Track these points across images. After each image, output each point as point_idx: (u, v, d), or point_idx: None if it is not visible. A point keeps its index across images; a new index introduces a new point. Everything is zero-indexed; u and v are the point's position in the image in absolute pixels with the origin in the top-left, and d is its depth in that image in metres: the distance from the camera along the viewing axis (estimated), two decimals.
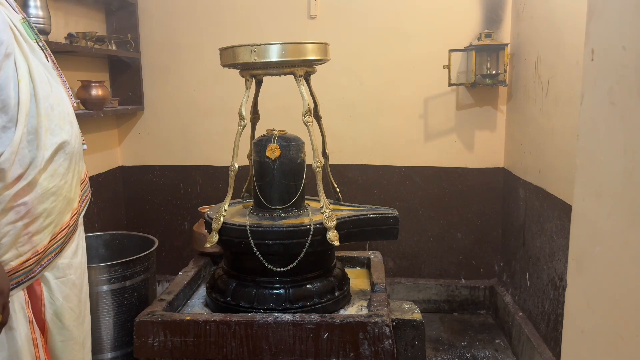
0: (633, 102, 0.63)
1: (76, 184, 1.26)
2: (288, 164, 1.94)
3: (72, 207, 1.24)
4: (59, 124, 1.17)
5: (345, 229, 1.91)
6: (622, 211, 0.65)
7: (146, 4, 3.03)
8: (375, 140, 3.04)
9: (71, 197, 1.23)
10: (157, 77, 3.10)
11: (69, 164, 1.20)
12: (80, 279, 1.31)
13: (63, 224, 1.21)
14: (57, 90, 1.21)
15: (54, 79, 1.21)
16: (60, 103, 1.20)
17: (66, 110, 1.22)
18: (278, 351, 1.73)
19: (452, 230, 3.09)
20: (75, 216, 1.26)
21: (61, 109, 1.19)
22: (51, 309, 1.22)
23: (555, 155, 2.21)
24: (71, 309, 1.25)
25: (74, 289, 1.27)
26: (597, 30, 0.73)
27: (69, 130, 1.20)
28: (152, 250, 2.37)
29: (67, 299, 1.24)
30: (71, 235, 1.26)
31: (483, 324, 2.96)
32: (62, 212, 1.20)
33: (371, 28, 2.94)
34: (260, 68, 1.87)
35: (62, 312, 1.23)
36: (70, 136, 1.20)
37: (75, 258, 1.29)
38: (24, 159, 1.08)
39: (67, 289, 1.24)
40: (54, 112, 1.16)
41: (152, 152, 3.19)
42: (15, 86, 1.07)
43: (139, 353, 1.78)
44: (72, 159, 1.21)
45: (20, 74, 1.08)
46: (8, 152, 1.04)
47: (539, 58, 2.39)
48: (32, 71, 1.12)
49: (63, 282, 1.23)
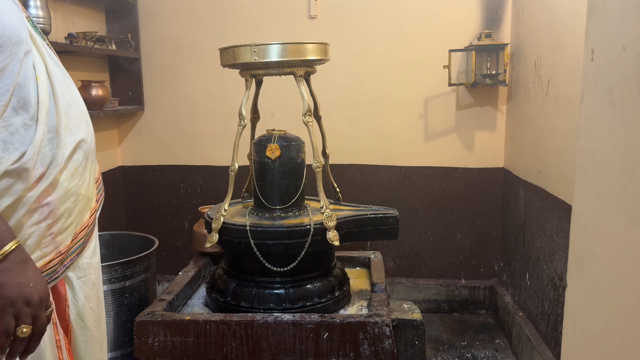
0: (633, 102, 0.63)
1: (92, 182, 1.25)
2: (288, 164, 1.94)
3: (90, 206, 1.23)
4: (77, 123, 1.16)
5: (345, 229, 1.91)
6: (622, 211, 0.65)
7: (146, 4, 3.03)
8: (375, 140, 3.04)
9: (89, 196, 1.22)
10: (157, 77, 3.10)
11: (86, 162, 1.19)
12: (99, 278, 1.31)
13: (83, 223, 1.20)
14: (72, 89, 1.20)
15: (67, 77, 1.21)
16: (76, 101, 1.19)
17: (82, 109, 1.21)
18: (278, 351, 1.73)
19: (452, 230, 3.09)
20: (93, 215, 1.25)
21: (77, 107, 1.18)
22: (74, 309, 1.21)
23: (555, 155, 2.21)
24: (92, 308, 1.25)
25: (94, 288, 1.27)
26: (597, 30, 0.73)
27: (86, 128, 1.20)
28: (152, 250, 2.37)
29: (88, 298, 1.24)
30: (90, 235, 1.24)
31: (483, 324, 2.96)
32: (82, 211, 1.19)
33: (371, 28, 2.94)
34: (260, 68, 1.87)
35: (84, 312, 1.23)
36: (86, 134, 1.19)
37: (94, 257, 1.28)
38: (45, 158, 1.07)
39: (88, 288, 1.24)
40: (71, 111, 1.15)
41: (152, 152, 3.19)
42: (34, 84, 1.06)
43: (139, 353, 1.78)
44: (88, 158, 1.20)
45: (38, 72, 1.07)
46: (31, 151, 1.02)
47: (539, 58, 2.39)
48: (49, 69, 1.11)
49: (84, 282, 1.23)
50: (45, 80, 1.09)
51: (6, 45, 0.99)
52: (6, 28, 0.99)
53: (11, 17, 1.02)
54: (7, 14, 1.01)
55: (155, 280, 2.46)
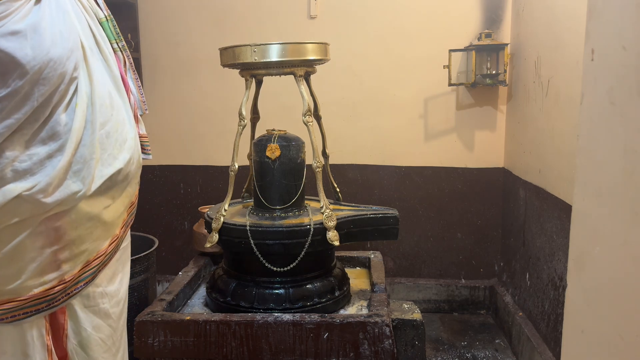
0: (633, 102, 0.63)
1: (124, 208, 1.15)
2: (288, 164, 1.94)
3: (112, 234, 1.12)
4: (113, 153, 1.07)
5: (345, 229, 1.91)
6: (622, 211, 0.65)
7: (146, 4, 3.03)
8: (375, 140, 3.04)
9: (113, 222, 1.11)
10: (157, 77, 3.10)
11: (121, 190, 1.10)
12: (117, 307, 1.20)
13: (99, 252, 1.09)
14: (118, 113, 1.11)
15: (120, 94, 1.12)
16: (119, 128, 1.10)
17: (123, 137, 1.11)
18: (278, 351, 1.73)
19: (452, 230, 3.09)
20: (114, 243, 1.14)
21: (118, 135, 1.09)
22: (75, 340, 1.12)
23: (555, 155, 2.21)
24: (102, 339, 1.15)
25: (107, 319, 1.16)
26: (597, 30, 0.73)
27: (125, 156, 1.11)
28: (152, 250, 2.37)
29: (98, 329, 1.14)
30: (106, 263, 1.13)
31: (483, 324, 2.96)
32: (99, 238, 1.09)
33: (371, 28, 2.93)
34: (260, 68, 1.87)
35: (89, 343, 1.13)
36: (125, 163, 1.10)
37: (112, 286, 1.17)
38: (66, 190, 0.98)
39: (97, 318, 1.14)
40: (109, 140, 1.06)
41: (152, 152, 3.17)
42: (70, 111, 0.99)
43: (139, 353, 1.78)
44: (123, 183, 1.11)
45: (80, 98, 1.00)
46: (47, 182, 0.95)
47: (539, 58, 2.39)
48: (94, 94, 1.03)
49: (93, 311, 1.13)
50: (84, 107, 1.01)
51: (50, 77, 0.94)
52: (54, 61, 0.94)
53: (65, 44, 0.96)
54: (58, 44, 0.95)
55: (155, 280, 2.46)
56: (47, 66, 0.94)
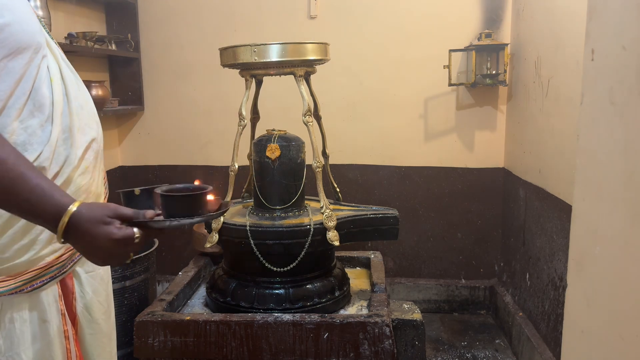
0: (633, 102, 0.62)
1: (101, 180, 1.28)
2: (288, 164, 1.94)
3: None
4: (88, 123, 1.19)
5: (345, 229, 1.91)
6: (622, 211, 0.65)
7: (146, 4, 3.03)
8: (375, 140, 3.04)
9: (99, 193, 1.25)
10: (157, 77, 3.10)
11: (96, 161, 1.23)
12: (108, 273, 1.34)
13: None
14: (83, 90, 1.24)
15: (78, 79, 1.24)
16: (87, 102, 1.23)
17: (92, 110, 1.25)
18: (278, 351, 1.73)
19: (452, 230, 3.09)
20: None
21: (88, 108, 1.22)
22: (81, 302, 1.24)
23: (555, 155, 2.21)
24: (100, 302, 1.27)
25: (103, 283, 1.30)
26: (597, 30, 0.73)
27: (96, 128, 1.24)
28: (152, 250, 2.37)
29: (96, 292, 1.27)
30: None
31: (483, 324, 2.96)
32: None
33: (371, 28, 2.93)
34: (260, 68, 1.87)
35: (92, 306, 1.25)
36: (97, 134, 1.23)
37: None
38: (60, 157, 1.10)
39: (96, 282, 1.27)
40: (83, 111, 1.18)
41: (152, 152, 3.18)
42: (49, 86, 1.09)
43: (139, 353, 1.78)
44: (98, 157, 1.24)
45: (52, 74, 1.11)
46: (48, 151, 1.06)
47: (539, 58, 2.39)
48: (62, 71, 1.15)
49: (92, 276, 1.26)
50: (59, 82, 1.12)
51: (26, 51, 1.02)
52: (26, 34, 1.03)
53: (30, 22, 1.05)
54: (27, 21, 1.04)
55: (155, 280, 2.47)
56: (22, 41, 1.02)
